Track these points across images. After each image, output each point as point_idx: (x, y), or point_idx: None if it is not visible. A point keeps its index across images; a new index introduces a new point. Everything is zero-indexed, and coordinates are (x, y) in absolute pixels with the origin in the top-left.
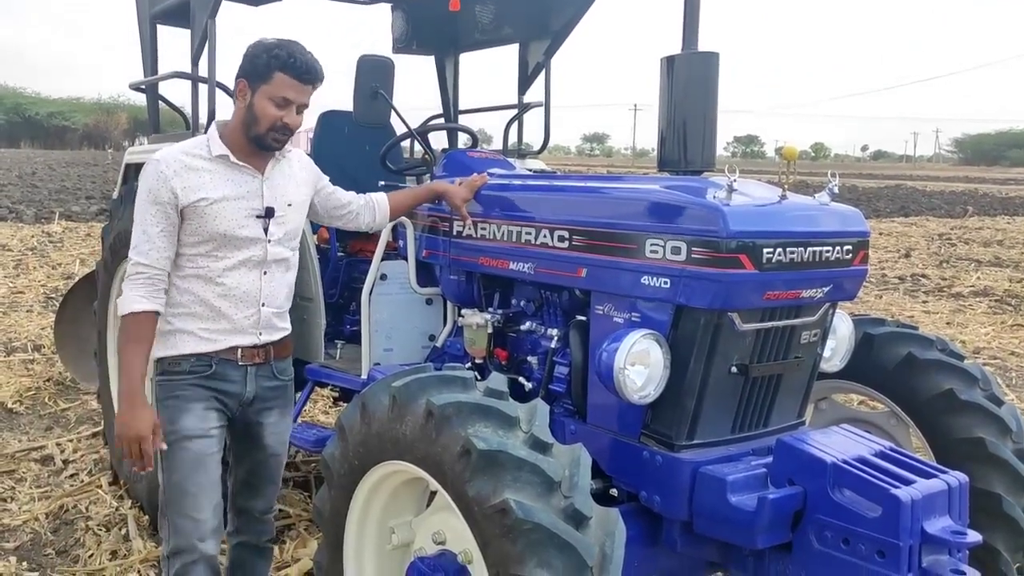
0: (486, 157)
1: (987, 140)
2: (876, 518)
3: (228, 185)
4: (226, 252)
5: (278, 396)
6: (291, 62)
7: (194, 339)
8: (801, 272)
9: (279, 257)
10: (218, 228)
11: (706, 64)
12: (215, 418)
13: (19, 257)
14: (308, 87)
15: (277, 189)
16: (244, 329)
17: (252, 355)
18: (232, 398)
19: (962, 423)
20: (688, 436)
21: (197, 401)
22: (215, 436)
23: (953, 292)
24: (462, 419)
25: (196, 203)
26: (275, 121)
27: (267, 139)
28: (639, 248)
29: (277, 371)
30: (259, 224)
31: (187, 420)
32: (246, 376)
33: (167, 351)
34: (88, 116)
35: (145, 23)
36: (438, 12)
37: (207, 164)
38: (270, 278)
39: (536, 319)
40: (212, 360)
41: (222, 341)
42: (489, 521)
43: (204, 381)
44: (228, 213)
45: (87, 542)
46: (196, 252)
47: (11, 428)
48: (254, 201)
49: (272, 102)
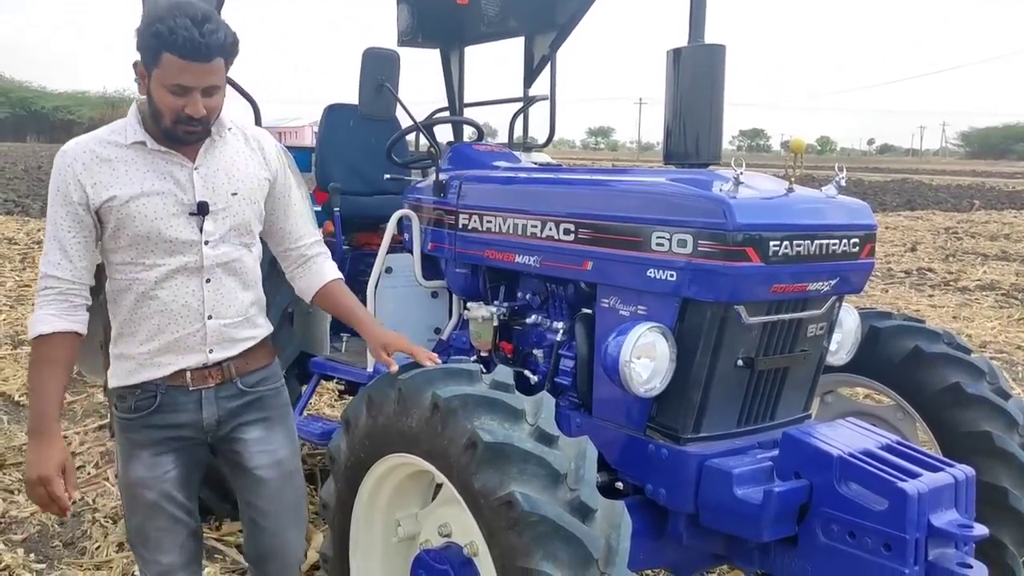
0: (491, 150)
1: (994, 134)
2: (882, 511)
3: (147, 177)
4: (154, 259)
5: (255, 409)
6: (173, 40)
7: (135, 365)
8: (808, 265)
9: (224, 260)
10: (138, 230)
11: (712, 57)
12: (169, 461)
13: (25, 250)
14: (206, 65)
15: (215, 177)
16: (191, 347)
17: (204, 377)
18: (188, 428)
19: (969, 417)
20: (694, 429)
21: (144, 447)
22: (171, 479)
23: (959, 286)
24: (468, 412)
25: (109, 201)
26: (176, 112)
27: (176, 132)
28: (645, 241)
29: (246, 386)
30: (191, 223)
31: (135, 467)
32: (200, 401)
33: (113, 381)
34: (93, 110)
35: None
36: (444, 5)
37: (122, 153)
38: (216, 286)
39: (542, 312)
40: (158, 390)
41: (166, 365)
42: (495, 513)
43: (151, 418)
44: (148, 211)
45: (94, 534)
46: (122, 260)
47: (18, 421)
48: (183, 194)
49: (167, 90)
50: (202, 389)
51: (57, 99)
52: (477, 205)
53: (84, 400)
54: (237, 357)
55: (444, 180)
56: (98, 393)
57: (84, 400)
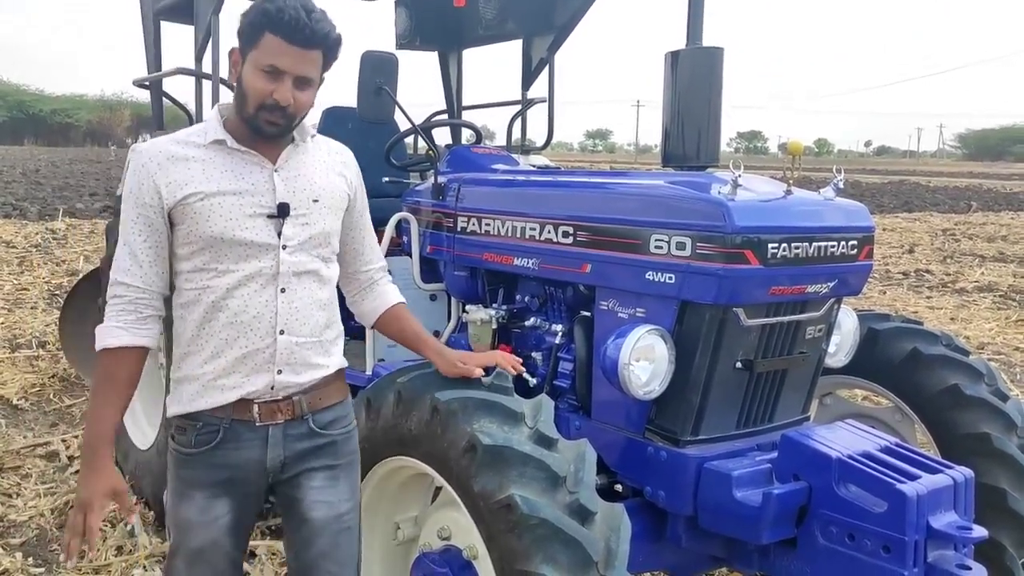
0: (490, 153)
1: (991, 135)
2: (881, 513)
3: (224, 176)
4: (228, 263)
5: (325, 455)
6: (280, 18)
7: (198, 387)
8: (806, 267)
9: (302, 269)
10: (212, 230)
11: (710, 59)
12: (224, 505)
13: (23, 254)
14: (304, 52)
15: (296, 181)
16: (259, 366)
17: (273, 412)
18: (250, 469)
19: (967, 418)
20: (693, 431)
21: (199, 487)
22: (223, 525)
23: (957, 287)
24: (467, 415)
25: (184, 200)
26: (263, 98)
27: (257, 121)
28: (644, 244)
29: (318, 426)
30: (269, 226)
31: (187, 509)
32: (267, 439)
33: (173, 408)
34: (91, 113)
35: (149, 19)
36: (442, 8)
37: (199, 152)
38: (290, 297)
39: (541, 315)
40: (221, 424)
41: (231, 388)
42: (495, 516)
43: (211, 455)
44: (224, 211)
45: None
46: (192, 267)
47: (16, 424)
48: (261, 196)
49: (260, 71)
50: (270, 426)
51: (55, 102)
52: (476, 208)
53: (82, 404)
54: (308, 391)
55: (443, 183)
56: None
57: (82, 404)
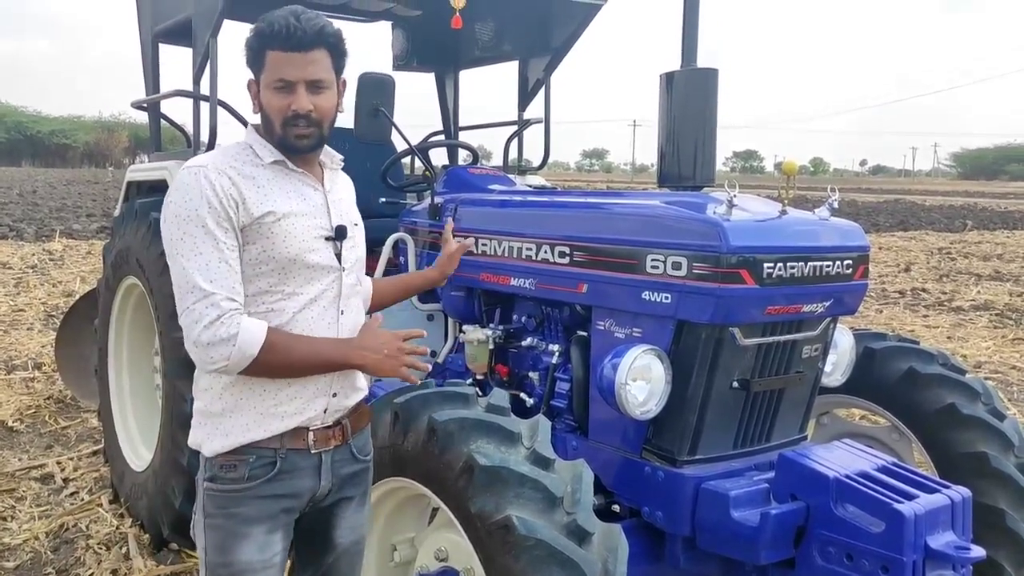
0: (486, 173)
1: (986, 155)
2: (879, 533)
3: (291, 197)
4: (296, 286)
5: (358, 482)
6: (272, 32)
7: (254, 418)
8: (802, 287)
9: (353, 291)
10: (287, 251)
11: (705, 80)
12: (280, 539)
13: (20, 275)
14: (306, 54)
15: (341, 204)
16: (318, 390)
17: (327, 438)
18: (303, 497)
19: (964, 438)
20: (690, 451)
21: (259, 522)
22: (278, 563)
23: (953, 306)
24: (464, 435)
25: (262, 219)
26: (284, 112)
27: (288, 139)
28: (640, 264)
29: (357, 450)
30: (330, 248)
31: (244, 551)
32: (320, 467)
33: (219, 443)
34: (89, 134)
35: (147, 42)
36: (438, 29)
37: (263, 172)
38: (347, 318)
39: (537, 335)
40: (277, 454)
41: (291, 415)
42: (492, 538)
43: (268, 487)
44: (299, 232)
45: (87, 561)
46: (258, 289)
47: (11, 446)
48: (321, 219)
49: (273, 90)
50: (322, 453)
51: (53, 123)
52: (472, 228)
53: (78, 425)
54: (350, 414)
55: (439, 203)
56: (92, 419)
57: (78, 425)
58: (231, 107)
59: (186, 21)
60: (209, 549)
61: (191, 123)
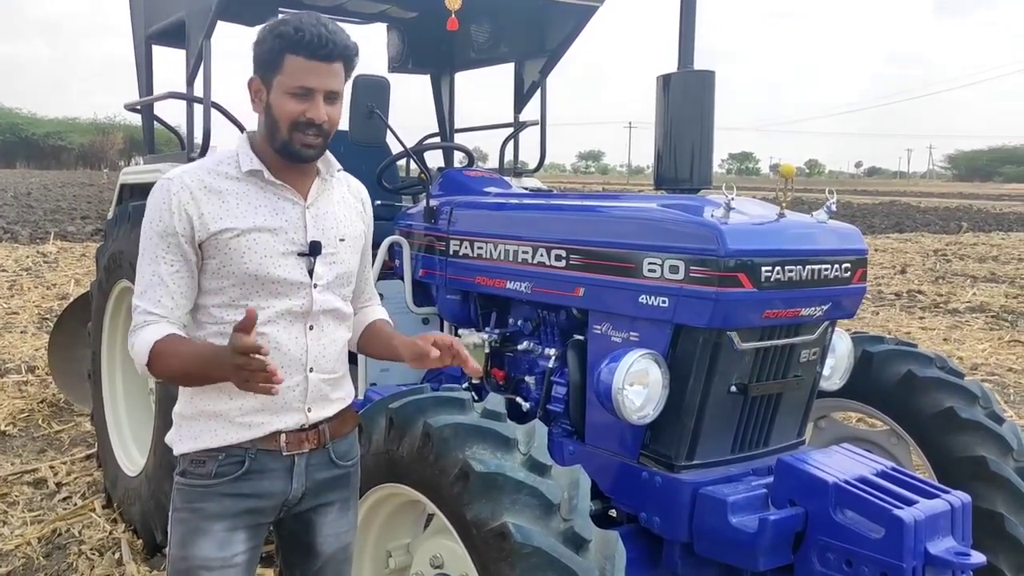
0: (482, 176)
1: (981, 156)
2: (879, 539)
3: (260, 212)
4: (259, 300)
5: (340, 487)
6: (300, 38)
7: (223, 425)
8: (800, 290)
9: (329, 307)
10: (247, 267)
11: (702, 83)
12: (243, 539)
13: (14, 278)
14: (330, 66)
15: (325, 219)
16: (288, 404)
17: (300, 441)
18: (272, 499)
19: (963, 442)
20: (688, 456)
21: (220, 519)
22: (240, 564)
23: (949, 308)
24: (460, 441)
25: (218, 235)
26: (296, 117)
27: (293, 144)
28: (637, 267)
29: (337, 455)
30: (301, 264)
31: (202, 546)
32: (292, 470)
33: (189, 445)
34: (83, 136)
35: (140, 44)
36: (434, 31)
37: (234, 185)
38: (318, 335)
39: (533, 339)
40: (246, 455)
41: (260, 425)
42: (488, 545)
43: (234, 486)
44: (260, 248)
45: (80, 566)
46: (220, 302)
47: (4, 451)
48: (294, 233)
49: (289, 95)
50: (295, 455)
51: (47, 125)
52: (468, 231)
53: (71, 429)
54: (331, 419)
55: (435, 206)
56: (85, 422)
57: (71, 429)
58: (224, 109)
59: (180, 23)
60: (173, 543)
61: (184, 125)
